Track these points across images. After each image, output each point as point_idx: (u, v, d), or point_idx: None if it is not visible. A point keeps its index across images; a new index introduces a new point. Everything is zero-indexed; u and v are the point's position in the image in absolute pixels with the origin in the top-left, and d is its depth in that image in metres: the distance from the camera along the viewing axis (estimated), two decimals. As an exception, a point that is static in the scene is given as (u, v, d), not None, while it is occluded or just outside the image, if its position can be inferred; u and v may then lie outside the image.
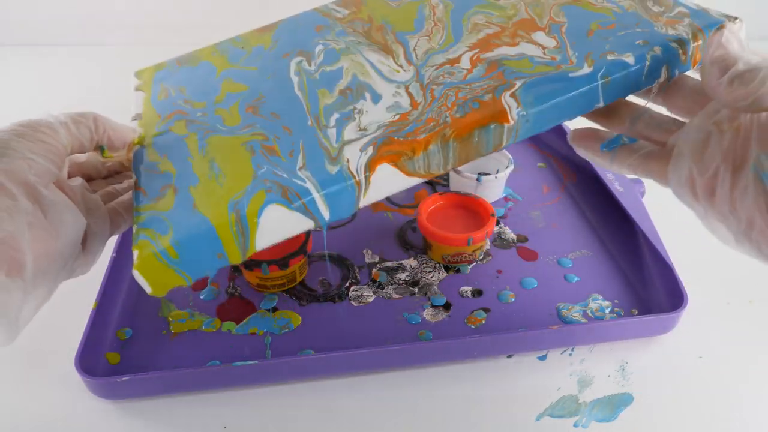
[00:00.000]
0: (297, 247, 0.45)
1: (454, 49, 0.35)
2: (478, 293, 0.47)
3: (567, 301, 0.45)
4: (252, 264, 0.44)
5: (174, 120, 0.37)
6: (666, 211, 0.54)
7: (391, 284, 0.48)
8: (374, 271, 0.49)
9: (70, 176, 0.34)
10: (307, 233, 0.46)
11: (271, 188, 0.28)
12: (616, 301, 0.45)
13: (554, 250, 0.51)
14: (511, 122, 0.29)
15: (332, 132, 0.31)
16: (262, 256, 0.44)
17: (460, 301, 0.46)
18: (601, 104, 0.31)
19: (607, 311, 0.44)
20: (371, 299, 0.46)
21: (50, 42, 0.93)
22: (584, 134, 0.34)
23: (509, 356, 0.42)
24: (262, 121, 0.34)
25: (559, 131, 0.63)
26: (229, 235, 0.27)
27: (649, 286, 0.46)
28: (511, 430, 0.38)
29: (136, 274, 0.27)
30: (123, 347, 0.42)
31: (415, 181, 0.30)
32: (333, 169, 0.29)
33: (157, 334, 0.43)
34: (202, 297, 0.46)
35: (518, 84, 0.30)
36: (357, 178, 0.28)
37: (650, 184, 0.57)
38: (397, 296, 0.46)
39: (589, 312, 0.44)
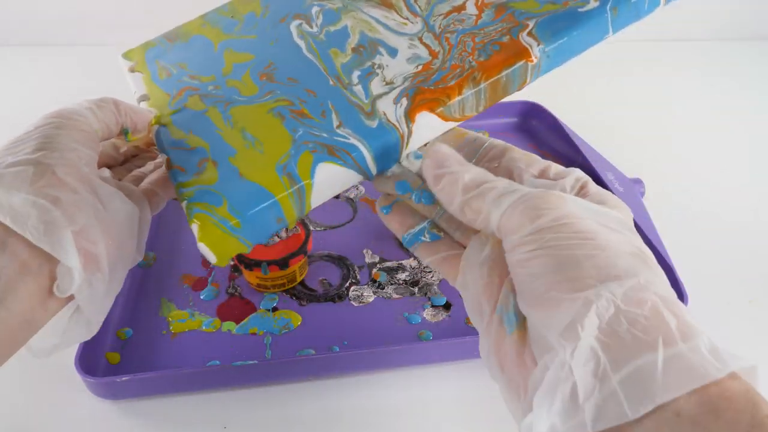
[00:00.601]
0: (297, 247, 0.45)
1: None
2: (478, 293, 0.46)
3: (567, 301, 0.45)
4: (252, 264, 0.44)
5: (186, 96, 0.36)
6: (666, 211, 0.54)
7: (391, 284, 0.48)
8: (374, 271, 0.49)
9: None
10: (307, 233, 0.47)
11: (315, 148, 0.29)
12: (616, 301, 0.45)
13: (554, 250, 0.51)
14: (534, 60, 0.30)
15: (358, 89, 0.32)
16: (262, 256, 0.44)
17: (460, 301, 0.46)
18: (611, 34, 0.31)
19: (607, 311, 0.44)
20: (371, 299, 0.46)
21: (50, 42, 0.93)
22: (390, 218, 0.29)
23: (509, 356, 0.42)
24: (280, 87, 0.34)
25: (558, 131, 0.63)
26: (286, 199, 0.28)
27: (649, 286, 0.46)
28: (511, 429, 0.38)
29: (201, 246, 0.27)
30: (123, 347, 0.42)
31: (450, 125, 0.30)
32: (372, 124, 0.29)
33: (157, 334, 0.43)
34: (202, 297, 0.46)
35: (531, 24, 0.31)
36: (400, 130, 0.29)
37: (650, 184, 0.57)
38: (397, 296, 0.46)
39: (589, 312, 0.44)
